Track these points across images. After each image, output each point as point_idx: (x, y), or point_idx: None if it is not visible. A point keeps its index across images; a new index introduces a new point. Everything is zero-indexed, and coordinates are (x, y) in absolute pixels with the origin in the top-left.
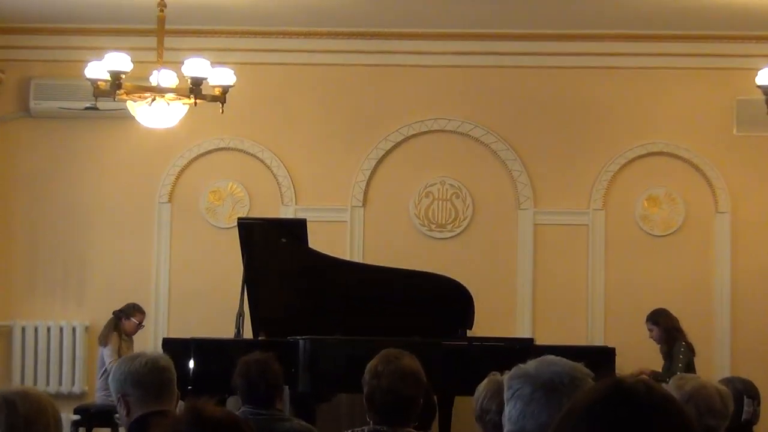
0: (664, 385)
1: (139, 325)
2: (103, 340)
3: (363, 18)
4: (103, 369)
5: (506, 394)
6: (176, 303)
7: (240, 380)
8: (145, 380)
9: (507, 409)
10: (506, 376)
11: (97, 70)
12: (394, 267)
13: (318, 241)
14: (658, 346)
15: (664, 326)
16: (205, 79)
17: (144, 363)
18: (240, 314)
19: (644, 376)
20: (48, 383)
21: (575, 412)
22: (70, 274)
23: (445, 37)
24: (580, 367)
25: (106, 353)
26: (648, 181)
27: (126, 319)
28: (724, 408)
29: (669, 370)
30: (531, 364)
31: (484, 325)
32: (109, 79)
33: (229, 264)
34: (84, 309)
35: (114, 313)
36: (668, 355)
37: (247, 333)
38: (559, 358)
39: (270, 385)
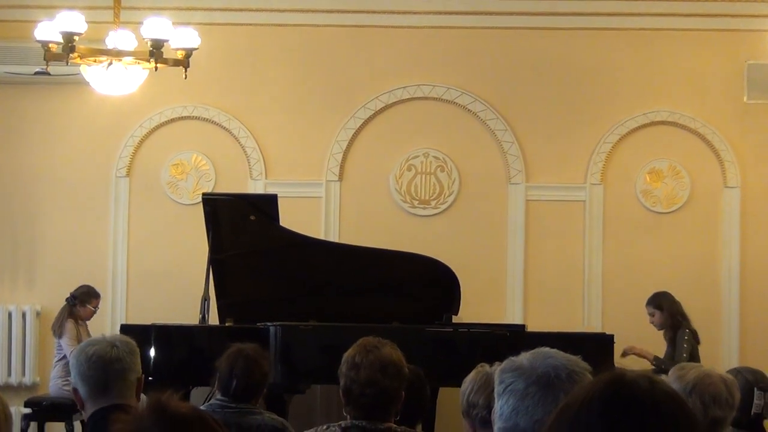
0: (663, 376)
1: (95, 310)
2: (58, 330)
3: None
4: (61, 356)
5: (497, 389)
6: (135, 286)
7: (224, 368)
8: (89, 374)
9: (498, 405)
10: (497, 369)
11: (49, 31)
12: (373, 247)
13: (290, 218)
14: (661, 332)
15: (667, 311)
16: (167, 41)
17: (89, 356)
18: (205, 298)
19: (634, 357)
20: None
21: (573, 408)
22: (20, 254)
23: None
24: (577, 360)
25: (65, 343)
26: (650, 153)
27: (81, 305)
28: (730, 397)
29: (672, 359)
30: (525, 357)
31: (471, 311)
32: (62, 41)
33: (192, 243)
34: (35, 292)
35: (67, 299)
36: (672, 341)
37: (213, 319)
38: (555, 350)
39: (252, 385)
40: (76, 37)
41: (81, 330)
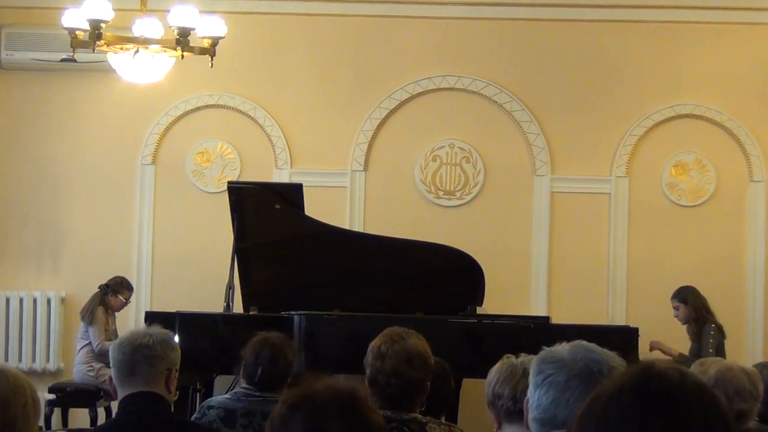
0: None
1: (126, 302)
2: (89, 317)
3: None
4: (86, 342)
5: (535, 379)
6: (160, 273)
7: (249, 356)
8: (118, 359)
9: (535, 395)
10: (534, 359)
11: (75, 18)
12: (398, 237)
13: (315, 208)
14: (685, 326)
15: (691, 305)
16: (193, 29)
17: (122, 341)
18: (230, 286)
19: (659, 352)
20: (20, 359)
21: (603, 398)
22: (45, 240)
23: None
24: (615, 356)
25: (93, 332)
26: (676, 146)
27: (113, 295)
28: (753, 389)
29: (696, 355)
30: (564, 349)
31: (496, 302)
32: (89, 28)
33: (217, 232)
34: (60, 278)
35: (100, 287)
36: (696, 336)
37: (238, 307)
38: (593, 344)
39: (277, 373)
40: (102, 25)
41: (110, 320)
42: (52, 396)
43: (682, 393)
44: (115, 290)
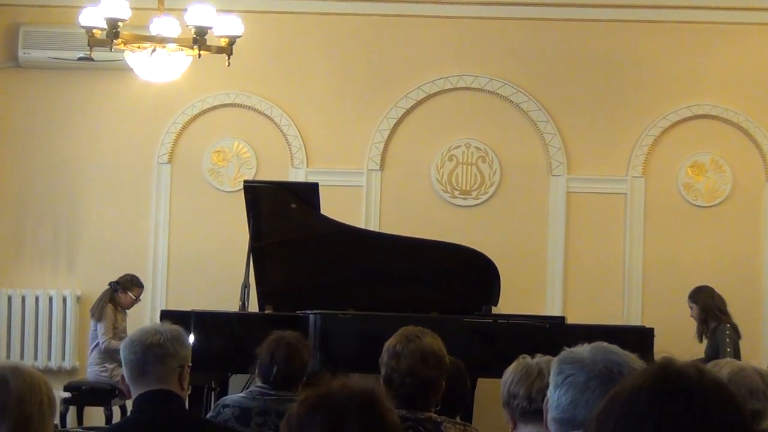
0: None
1: (136, 300)
2: (98, 314)
3: None
4: (95, 343)
5: (555, 379)
6: (176, 272)
7: (264, 355)
8: (129, 358)
9: (555, 395)
10: (555, 359)
11: (93, 16)
12: (414, 236)
13: (331, 207)
14: (700, 327)
15: (701, 306)
16: (210, 28)
17: (132, 341)
18: (245, 285)
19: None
20: (36, 357)
21: (622, 396)
22: (61, 239)
23: None
24: (635, 358)
25: (100, 329)
26: (692, 146)
27: (123, 293)
28: (767, 389)
29: (712, 355)
30: (585, 350)
31: (511, 302)
32: (106, 27)
33: (233, 231)
34: (75, 277)
35: (110, 284)
36: (712, 337)
37: (253, 306)
38: (614, 346)
39: (292, 372)
40: (120, 23)
41: (119, 317)
42: (67, 394)
43: (701, 391)
44: (126, 287)
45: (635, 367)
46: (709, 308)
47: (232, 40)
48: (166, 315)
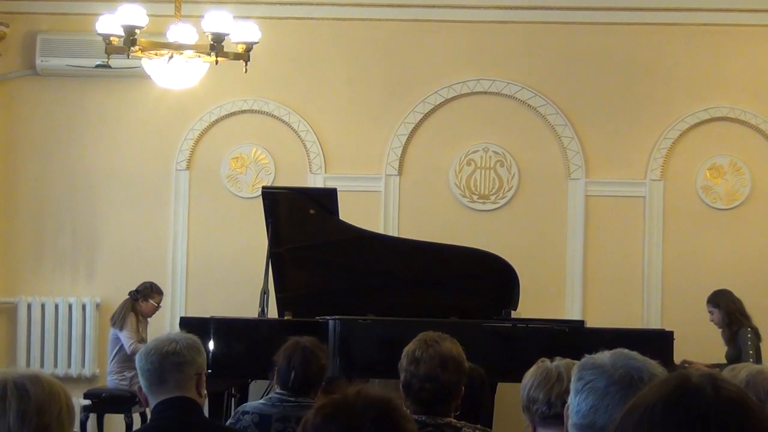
0: None
1: (157, 307)
2: (119, 323)
3: None
4: (116, 350)
5: (575, 385)
6: (195, 279)
7: (282, 361)
8: (146, 368)
9: (575, 401)
10: (575, 365)
11: (110, 24)
12: (432, 241)
13: (349, 212)
14: (720, 330)
15: (723, 310)
16: (227, 34)
17: (148, 351)
18: (264, 291)
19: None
20: (56, 365)
21: (638, 410)
22: (80, 247)
23: None
24: (656, 364)
25: (125, 337)
26: (711, 149)
27: (144, 301)
28: None
29: (739, 359)
30: (605, 356)
31: (530, 306)
32: (123, 34)
33: (252, 237)
34: (95, 284)
35: (130, 293)
36: (732, 341)
37: (272, 312)
38: (635, 352)
39: (310, 378)
40: (137, 31)
41: (141, 326)
42: (87, 402)
43: (715, 409)
44: (146, 295)
45: (655, 373)
46: (732, 312)
47: (249, 47)
48: (185, 322)
